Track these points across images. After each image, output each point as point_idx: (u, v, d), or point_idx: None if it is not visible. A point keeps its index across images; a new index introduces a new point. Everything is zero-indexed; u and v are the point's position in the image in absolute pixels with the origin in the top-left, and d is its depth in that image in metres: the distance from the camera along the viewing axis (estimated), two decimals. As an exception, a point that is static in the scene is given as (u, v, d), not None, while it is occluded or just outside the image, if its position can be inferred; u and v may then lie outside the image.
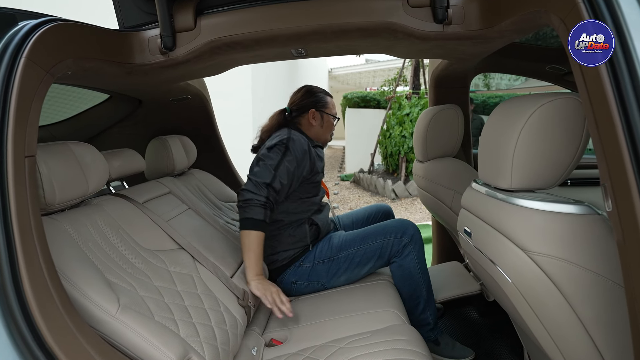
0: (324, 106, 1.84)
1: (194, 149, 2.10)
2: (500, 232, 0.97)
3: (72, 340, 0.75)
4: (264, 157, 1.58)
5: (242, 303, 1.39)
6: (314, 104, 1.83)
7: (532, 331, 0.97)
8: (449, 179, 1.63)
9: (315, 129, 1.83)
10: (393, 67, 11.61)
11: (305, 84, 1.93)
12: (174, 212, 1.57)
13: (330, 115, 1.87)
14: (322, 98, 1.85)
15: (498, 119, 1.07)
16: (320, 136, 1.86)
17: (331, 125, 1.89)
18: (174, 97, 1.91)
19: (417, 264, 1.67)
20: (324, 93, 1.88)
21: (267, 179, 1.53)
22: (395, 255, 1.67)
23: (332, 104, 1.89)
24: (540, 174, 0.96)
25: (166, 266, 1.27)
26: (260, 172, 1.55)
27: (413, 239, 1.66)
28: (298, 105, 1.84)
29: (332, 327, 1.41)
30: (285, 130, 1.70)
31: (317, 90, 1.88)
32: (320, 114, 1.83)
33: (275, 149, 1.59)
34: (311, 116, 1.81)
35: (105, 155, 1.41)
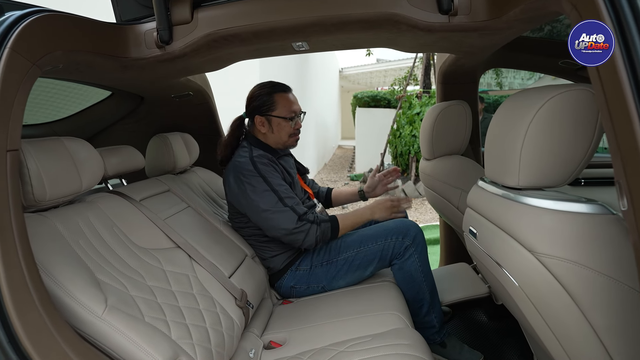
0: (269, 108, 1.64)
1: (197, 147, 2.07)
2: (507, 233, 0.92)
3: (49, 340, 0.72)
4: (250, 190, 1.53)
5: (240, 304, 1.35)
6: (257, 109, 1.65)
7: (539, 337, 0.91)
8: (455, 178, 1.57)
9: (268, 135, 1.67)
10: (404, 66, 11.51)
11: (316, 82, 1.81)
12: (172, 210, 1.54)
13: (278, 117, 1.64)
14: (266, 99, 1.63)
15: (505, 113, 1.01)
16: (279, 141, 1.68)
17: (285, 128, 1.66)
18: (176, 94, 1.88)
19: (419, 266, 1.60)
20: (268, 91, 1.64)
21: (276, 201, 1.51)
22: (396, 257, 1.61)
23: (285, 100, 1.65)
24: (550, 171, 0.90)
25: (161, 265, 1.24)
26: (266, 201, 1.51)
27: (415, 240, 1.59)
28: (247, 110, 1.70)
29: (332, 330, 1.36)
30: (244, 150, 1.61)
31: (261, 88, 1.67)
32: (267, 118, 1.64)
33: (249, 177, 1.54)
34: (258, 123, 1.65)
35: (102, 152, 1.39)
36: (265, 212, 1.52)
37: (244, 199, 1.55)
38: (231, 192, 1.61)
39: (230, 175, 1.59)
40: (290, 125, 1.66)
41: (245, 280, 1.49)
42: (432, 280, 1.64)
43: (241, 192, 1.55)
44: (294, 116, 1.66)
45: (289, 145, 1.72)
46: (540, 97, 0.88)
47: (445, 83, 1.98)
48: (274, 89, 1.67)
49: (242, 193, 1.55)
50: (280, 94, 1.66)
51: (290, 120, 1.65)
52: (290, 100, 1.67)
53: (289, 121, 1.65)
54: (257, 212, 1.54)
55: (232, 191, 1.59)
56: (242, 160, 1.57)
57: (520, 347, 1.79)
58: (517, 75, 8.53)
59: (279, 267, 1.67)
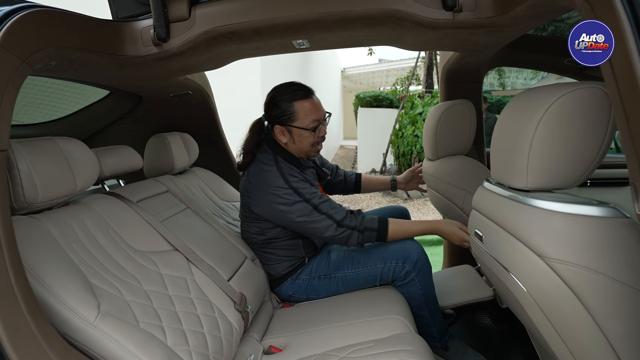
0: (289, 119, 1.50)
1: (196, 147, 2.04)
2: (515, 236, 0.88)
3: (36, 349, 0.69)
4: (281, 202, 1.45)
5: (239, 308, 1.32)
6: (276, 118, 1.53)
7: (547, 342, 0.88)
8: (459, 179, 1.54)
9: (289, 145, 1.56)
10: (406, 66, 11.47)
11: (318, 82, 1.73)
12: (170, 211, 1.51)
13: (300, 128, 1.51)
14: (285, 108, 1.50)
15: (512, 113, 0.98)
16: (300, 151, 1.57)
17: (308, 138, 1.53)
18: (175, 93, 1.85)
19: (420, 289, 1.54)
20: (288, 99, 1.50)
21: (310, 210, 1.45)
22: (397, 280, 1.56)
23: (306, 109, 1.50)
24: (559, 173, 0.86)
25: (158, 268, 1.21)
26: (300, 212, 1.45)
27: (416, 265, 1.52)
28: (266, 116, 1.59)
29: (334, 334, 1.33)
30: (267, 158, 1.52)
31: (280, 95, 1.53)
32: (287, 129, 1.52)
33: (278, 189, 1.46)
34: (278, 133, 1.54)
35: (98, 152, 1.36)
36: (300, 223, 1.46)
37: (275, 211, 1.48)
38: (257, 204, 1.52)
39: (258, 189, 1.50)
40: (313, 135, 1.53)
41: (245, 283, 1.46)
42: (434, 300, 1.58)
43: (270, 205, 1.48)
44: (317, 125, 1.53)
45: (311, 155, 1.61)
46: (550, 95, 0.85)
47: (448, 82, 1.95)
48: (294, 95, 1.51)
49: (271, 205, 1.48)
50: (301, 102, 1.51)
51: (313, 130, 1.52)
52: (312, 107, 1.52)
53: (312, 131, 1.53)
54: (291, 221, 1.48)
55: (259, 203, 1.51)
56: (269, 171, 1.49)
57: (525, 351, 1.75)
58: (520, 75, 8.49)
59: (280, 274, 1.64)
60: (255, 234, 1.62)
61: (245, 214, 1.62)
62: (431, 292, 1.59)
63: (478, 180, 1.48)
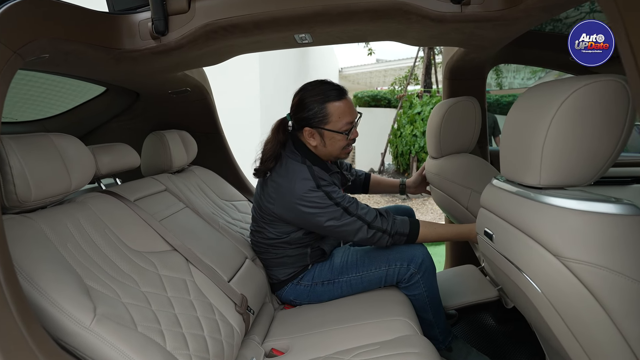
0: (322, 121, 1.42)
1: (195, 145, 2.00)
2: (528, 235, 0.85)
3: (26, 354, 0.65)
4: (312, 205, 1.37)
5: (240, 310, 1.28)
6: (306, 120, 1.43)
7: (562, 345, 0.84)
8: (465, 177, 1.50)
9: (319, 149, 1.47)
10: (404, 66, 11.45)
11: None
12: (169, 210, 1.47)
13: (333, 131, 1.43)
14: (317, 110, 1.41)
15: (524, 107, 0.94)
16: (330, 155, 1.50)
17: (340, 141, 1.45)
18: (173, 90, 1.81)
19: (425, 291, 1.51)
20: (321, 101, 1.41)
21: (341, 213, 1.39)
22: (401, 282, 1.52)
23: (340, 111, 1.42)
24: (574, 169, 0.83)
25: (156, 269, 1.17)
26: (331, 215, 1.38)
27: (421, 267, 1.48)
28: (293, 117, 1.49)
29: (338, 336, 1.29)
30: (297, 164, 1.44)
31: (311, 95, 1.43)
32: (319, 131, 1.44)
33: (313, 196, 1.38)
34: (307, 135, 1.45)
35: (94, 150, 1.32)
36: (329, 226, 1.40)
37: (303, 214, 1.40)
38: (283, 206, 1.43)
39: (286, 191, 1.41)
40: (346, 138, 1.46)
41: (246, 284, 1.42)
42: (438, 302, 1.55)
43: (298, 208, 1.40)
44: (350, 127, 1.45)
45: (341, 158, 1.54)
46: (564, 89, 0.81)
47: (452, 79, 1.91)
48: (327, 96, 1.42)
49: (299, 208, 1.40)
50: (334, 103, 1.41)
51: (347, 133, 1.45)
52: (345, 109, 1.43)
53: (345, 134, 1.46)
54: (318, 225, 1.41)
55: (286, 206, 1.43)
56: (299, 173, 1.41)
57: (529, 352, 1.73)
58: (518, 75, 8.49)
59: (281, 278, 1.60)
60: (269, 237, 1.55)
61: (263, 215, 1.53)
62: (435, 294, 1.55)
63: (484, 179, 1.44)
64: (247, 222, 1.96)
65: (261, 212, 1.54)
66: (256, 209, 1.58)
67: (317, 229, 1.45)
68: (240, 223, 1.91)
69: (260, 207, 1.54)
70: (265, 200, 1.49)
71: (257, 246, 1.62)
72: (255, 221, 1.60)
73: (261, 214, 1.54)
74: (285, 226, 1.50)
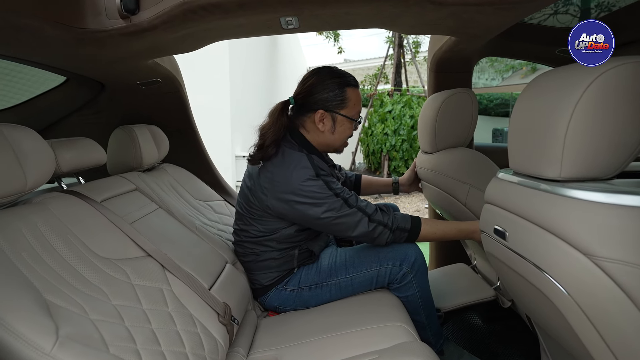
0: (339, 105, 1.35)
1: (166, 141, 1.84)
2: (552, 233, 0.78)
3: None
4: (309, 195, 1.27)
5: (224, 320, 1.16)
6: (324, 102, 1.35)
7: (589, 351, 0.77)
8: (462, 172, 1.43)
9: (325, 135, 1.39)
10: (372, 65, 11.49)
11: (285, 80, 1.52)
12: (140, 212, 1.32)
13: (348, 118, 1.38)
14: (338, 92, 1.34)
15: (536, 94, 0.87)
16: (332, 145, 1.42)
17: (347, 131, 1.40)
18: (142, 80, 1.65)
19: (418, 291, 1.43)
20: (341, 83, 1.35)
21: (341, 204, 1.30)
22: (393, 282, 1.43)
23: (357, 97, 1.38)
24: (599, 160, 0.76)
25: (129, 279, 1.03)
26: (331, 206, 1.29)
27: (414, 267, 1.40)
28: (304, 99, 1.38)
29: (330, 346, 1.19)
30: (292, 146, 1.35)
31: (332, 77, 1.36)
32: (332, 115, 1.36)
33: (311, 185, 1.28)
34: (319, 118, 1.36)
35: (53, 144, 1.16)
36: (327, 218, 1.29)
37: (299, 205, 1.30)
38: (278, 197, 1.32)
39: (282, 181, 1.31)
40: (353, 128, 1.42)
41: (228, 291, 1.30)
42: (431, 303, 1.48)
43: (294, 199, 1.29)
44: (359, 117, 1.42)
45: (339, 151, 1.47)
46: (590, 72, 0.75)
47: (438, 71, 1.85)
48: (346, 80, 1.36)
49: (295, 199, 1.29)
50: (353, 88, 1.37)
51: (357, 122, 1.42)
52: (360, 98, 1.40)
53: (354, 123, 1.41)
54: (315, 217, 1.30)
55: (281, 197, 1.31)
56: (298, 161, 1.32)
57: (522, 353, 1.69)
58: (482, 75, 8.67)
59: (265, 283, 1.47)
60: (256, 235, 1.42)
61: (251, 210, 1.41)
62: (428, 294, 1.48)
63: (483, 174, 1.38)
64: (224, 223, 1.83)
65: (249, 207, 1.41)
66: (242, 204, 1.45)
67: (313, 221, 1.33)
68: (218, 224, 1.77)
69: (248, 202, 1.42)
70: (257, 192, 1.37)
71: (241, 247, 1.49)
72: (241, 218, 1.47)
73: (249, 209, 1.42)
74: (275, 222, 1.39)
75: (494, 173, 1.07)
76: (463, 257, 1.96)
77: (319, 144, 1.42)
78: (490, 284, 1.65)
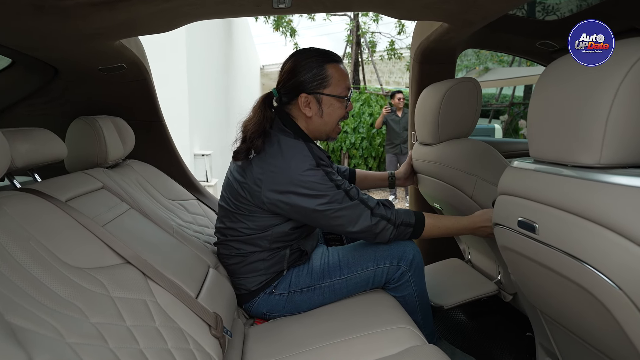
0: (321, 84, 1.25)
1: (132, 135, 1.65)
2: (595, 222, 0.72)
3: None
4: (308, 186, 1.17)
5: (217, 333, 1.02)
6: (304, 84, 1.25)
7: (637, 349, 0.72)
8: (469, 163, 1.36)
9: (314, 120, 1.29)
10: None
11: (241, 78, 1.39)
12: (112, 213, 1.15)
13: (334, 96, 1.27)
14: (317, 72, 1.24)
15: (564, 79, 0.82)
16: (324, 130, 1.31)
17: (338, 111, 1.29)
18: (105, 66, 1.46)
19: (415, 291, 1.37)
20: (319, 61, 1.25)
21: (343, 196, 1.20)
22: (390, 282, 1.36)
23: (340, 73, 1.27)
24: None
25: (107, 291, 0.87)
26: (333, 198, 1.19)
27: (412, 265, 1.33)
28: (284, 87, 1.29)
29: (333, 354, 1.08)
30: (287, 135, 1.25)
31: (309, 57, 1.26)
32: (316, 97, 1.26)
33: (312, 174, 1.19)
34: (303, 103, 1.26)
35: (6, 134, 0.97)
36: (326, 211, 1.19)
37: (297, 197, 1.19)
38: (274, 189, 1.20)
39: (279, 172, 1.20)
40: (344, 106, 1.30)
41: (215, 299, 1.16)
42: (427, 302, 1.42)
43: (292, 190, 1.19)
44: (349, 93, 1.30)
45: (332, 136, 1.34)
46: (631, 50, 0.70)
47: (423, 62, 1.79)
48: (325, 57, 1.26)
49: (293, 190, 1.19)
50: (334, 64, 1.26)
51: (347, 100, 1.29)
52: (344, 72, 1.29)
53: (344, 101, 1.29)
54: (312, 210, 1.20)
55: (278, 188, 1.20)
56: (295, 149, 1.22)
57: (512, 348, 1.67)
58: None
59: (251, 288, 1.34)
60: (246, 233, 1.29)
61: (240, 206, 1.28)
62: (425, 293, 1.42)
63: (491, 164, 1.32)
64: (199, 224, 1.68)
65: (238, 203, 1.27)
66: (229, 199, 1.31)
67: (311, 215, 1.22)
68: (193, 226, 1.62)
69: (237, 197, 1.28)
70: (249, 184, 1.23)
71: (227, 248, 1.35)
72: (228, 215, 1.33)
73: (237, 204, 1.28)
74: (268, 218, 1.26)
75: (502, 164, 1.02)
76: (455, 252, 1.92)
77: (310, 131, 1.31)
78: (489, 278, 1.61)
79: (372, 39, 8.58)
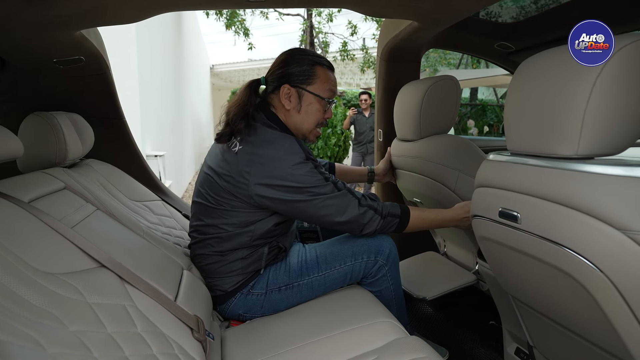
0: (306, 80, 1.26)
1: (91, 132, 1.55)
2: (576, 209, 0.76)
3: None
4: (295, 178, 1.17)
5: (199, 336, 0.98)
6: (289, 76, 1.26)
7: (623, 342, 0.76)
8: (451, 158, 1.40)
9: (291, 114, 1.28)
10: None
11: (193, 78, 1.38)
12: (79, 214, 1.07)
13: (314, 94, 1.27)
14: (306, 68, 1.25)
15: (539, 74, 0.86)
16: (300, 128, 1.30)
17: (316, 112, 1.29)
18: (61, 58, 1.36)
19: (391, 284, 1.39)
20: (310, 60, 1.27)
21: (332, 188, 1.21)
22: (367, 277, 1.37)
23: (327, 76, 1.28)
24: (615, 136, 0.77)
25: (82, 297, 0.81)
26: (322, 189, 1.19)
27: (389, 259, 1.36)
28: (272, 75, 1.29)
29: (319, 350, 1.08)
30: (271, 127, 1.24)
31: (304, 54, 1.29)
32: (298, 91, 1.26)
33: (302, 167, 1.18)
34: (284, 94, 1.26)
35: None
36: (315, 200, 1.19)
37: (284, 189, 1.17)
38: (262, 181, 1.17)
39: (267, 163, 1.17)
40: (323, 110, 1.30)
41: (193, 301, 1.11)
42: (402, 295, 1.44)
43: (280, 181, 1.17)
44: (330, 99, 1.30)
45: (310, 138, 1.33)
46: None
47: (390, 60, 1.83)
48: (318, 59, 1.29)
49: (281, 181, 1.17)
50: (325, 68, 1.28)
51: (328, 103, 1.30)
52: (332, 79, 1.30)
53: (324, 104, 1.29)
54: (300, 201, 1.19)
55: (266, 180, 1.17)
56: (282, 139, 1.21)
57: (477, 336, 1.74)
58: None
59: (227, 289, 1.30)
60: (227, 229, 1.25)
61: (221, 201, 1.23)
62: (400, 287, 1.44)
63: (471, 159, 1.37)
64: (166, 225, 1.61)
65: (219, 198, 1.23)
66: (208, 195, 1.26)
67: (300, 206, 1.20)
68: (160, 227, 1.54)
69: (217, 192, 1.23)
70: (235, 177, 1.19)
71: (204, 247, 1.29)
72: (206, 212, 1.28)
73: (219, 199, 1.23)
74: (252, 213, 1.23)
75: (482, 158, 1.05)
76: (430, 246, 1.97)
77: (288, 125, 1.30)
78: (469, 269, 1.66)
79: (325, 39, 8.64)
